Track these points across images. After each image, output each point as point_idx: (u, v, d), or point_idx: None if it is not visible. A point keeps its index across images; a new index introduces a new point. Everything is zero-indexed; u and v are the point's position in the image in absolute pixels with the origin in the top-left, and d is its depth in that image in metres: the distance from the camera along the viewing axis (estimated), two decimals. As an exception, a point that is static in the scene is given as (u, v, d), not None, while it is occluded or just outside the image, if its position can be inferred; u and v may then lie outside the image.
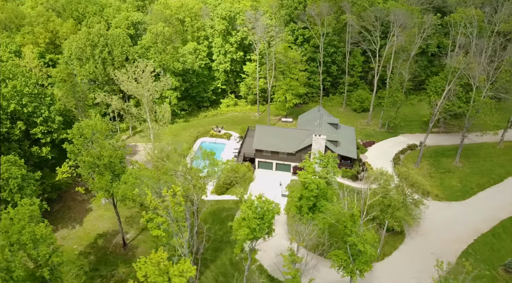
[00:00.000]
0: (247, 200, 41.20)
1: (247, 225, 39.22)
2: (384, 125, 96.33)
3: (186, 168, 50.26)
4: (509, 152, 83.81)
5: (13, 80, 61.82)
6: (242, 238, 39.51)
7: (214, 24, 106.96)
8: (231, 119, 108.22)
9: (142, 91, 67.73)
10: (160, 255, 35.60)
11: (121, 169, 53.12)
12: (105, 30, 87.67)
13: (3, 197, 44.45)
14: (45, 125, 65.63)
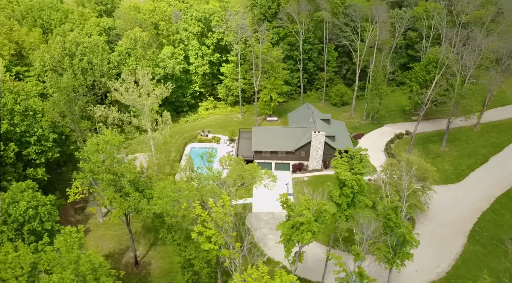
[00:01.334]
0: (297, 203, 40.61)
1: (307, 228, 38.73)
2: (368, 117, 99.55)
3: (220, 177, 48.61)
4: (486, 133, 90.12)
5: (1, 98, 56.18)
6: (306, 243, 38.94)
7: (188, 27, 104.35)
8: (215, 122, 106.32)
9: (142, 101, 64.42)
10: (262, 270, 34.18)
11: (145, 184, 50.27)
12: (81, 38, 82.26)
13: (33, 227, 40.09)
14: (39, 144, 60.44)
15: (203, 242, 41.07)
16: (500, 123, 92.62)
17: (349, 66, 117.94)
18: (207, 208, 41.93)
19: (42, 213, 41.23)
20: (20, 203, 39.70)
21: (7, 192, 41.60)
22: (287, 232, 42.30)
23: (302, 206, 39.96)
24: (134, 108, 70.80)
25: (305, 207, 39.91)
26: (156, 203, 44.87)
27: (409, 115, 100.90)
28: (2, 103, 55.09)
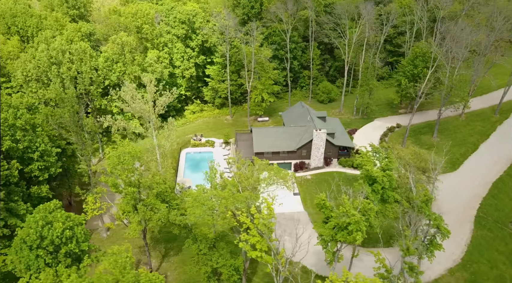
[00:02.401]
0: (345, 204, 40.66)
1: (356, 228, 38.82)
2: (359, 112, 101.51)
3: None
4: (471, 122, 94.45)
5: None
6: (359, 243, 39.03)
7: (172, 29, 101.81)
8: (205, 125, 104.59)
9: (148, 108, 62.09)
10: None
11: (170, 194, 48.52)
12: (67, 45, 78.10)
13: (70, 249, 37.13)
14: (42, 160, 56.81)
15: (249, 250, 40.15)
16: (482, 112, 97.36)
17: (332, 63, 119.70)
18: (242, 215, 40.90)
19: (78, 233, 38.59)
20: (55, 224, 36.96)
21: (36, 214, 38.61)
22: (328, 233, 42.21)
23: (347, 206, 39.99)
24: (137, 116, 68.08)
25: (350, 207, 39.95)
26: (192, 213, 43.31)
27: (396, 108, 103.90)
28: (3, 118, 51.20)
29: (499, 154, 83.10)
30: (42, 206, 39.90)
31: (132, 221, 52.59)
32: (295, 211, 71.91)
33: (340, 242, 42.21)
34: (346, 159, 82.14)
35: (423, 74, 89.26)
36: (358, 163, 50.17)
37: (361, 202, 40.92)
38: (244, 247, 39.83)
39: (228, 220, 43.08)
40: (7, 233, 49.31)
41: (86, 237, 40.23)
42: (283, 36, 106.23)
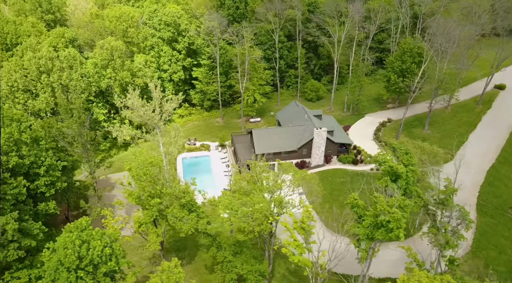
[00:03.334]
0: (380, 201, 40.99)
1: (397, 225, 39.25)
2: (349, 108, 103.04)
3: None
4: (457, 113, 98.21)
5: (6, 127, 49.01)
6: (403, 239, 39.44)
7: (156, 33, 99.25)
8: (196, 129, 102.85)
9: (156, 116, 60.11)
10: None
11: (196, 204, 47.23)
12: (55, 52, 74.38)
13: (110, 267, 34.98)
14: (47, 175, 53.82)
15: (290, 254, 39.72)
16: (465, 104, 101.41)
17: (316, 61, 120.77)
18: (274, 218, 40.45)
19: (117, 250, 36.58)
20: (93, 242, 34.83)
21: (67, 233, 36.24)
22: (364, 231, 42.46)
23: (383, 204, 40.31)
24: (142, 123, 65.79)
25: (387, 204, 40.32)
26: (227, 220, 42.27)
27: (383, 103, 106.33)
28: (7, 133, 47.97)
29: (488, 143, 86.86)
30: (73, 225, 37.62)
31: (151, 233, 50.90)
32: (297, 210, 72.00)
33: (378, 240, 42.53)
34: (345, 156, 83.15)
35: (411, 69, 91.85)
36: (379, 160, 50.75)
37: (397, 199, 41.41)
38: (287, 252, 39.30)
39: (265, 226, 42.33)
40: (22, 255, 46.33)
41: (124, 253, 38.34)
42: (269, 36, 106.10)
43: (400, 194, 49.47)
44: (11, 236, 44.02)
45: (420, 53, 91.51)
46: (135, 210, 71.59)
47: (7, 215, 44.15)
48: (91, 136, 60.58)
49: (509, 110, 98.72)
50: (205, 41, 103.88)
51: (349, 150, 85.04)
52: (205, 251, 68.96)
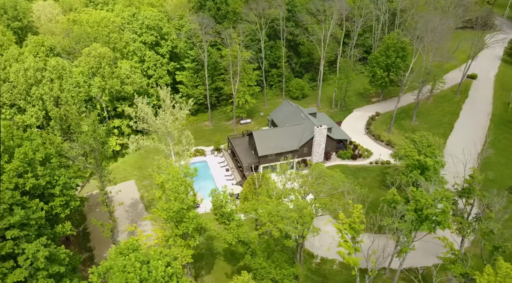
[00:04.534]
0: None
1: (444, 217, 40.31)
2: (337, 105, 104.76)
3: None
4: (439, 104, 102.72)
5: (19, 148, 45.30)
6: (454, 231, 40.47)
7: (138, 37, 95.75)
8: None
9: (169, 124, 57.86)
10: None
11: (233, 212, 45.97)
12: (42, 63, 69.72)
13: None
14: (62, 195, 50.44)
15: (344, 255, 39.74)
16: (445, 94, 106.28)
17: (297, 60, 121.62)
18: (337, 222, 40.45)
19: (178, 269, 34.62)
20: (153, 263, 32.74)
21: (119, 254, 33.85)
22: (407, 226, 43.29)
23: (428, 198, 41.27)
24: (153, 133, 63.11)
25: (428, 197, 41.34)
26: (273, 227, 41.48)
27: (368, 98, 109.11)
28: (22, 153, 44.31)
29: (473, 130, 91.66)
30: (123, 245, 35.32)
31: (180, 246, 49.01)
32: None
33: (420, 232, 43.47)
34: (344, 151, 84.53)
35: (396, 64, 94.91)
36: (403, 154, 51.94)
37: (438, 192, 42.55)
38: (342, 254, 39.26)
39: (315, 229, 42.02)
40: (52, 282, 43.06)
41: (183, 272, 36.51)
42: (252, 36, 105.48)
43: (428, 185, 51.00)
44: (42, 264, 40.79)
45: (404, 47, 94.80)
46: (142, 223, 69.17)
47: (36, 241, 40.85)
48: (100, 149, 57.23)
49: (484, 98, 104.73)
50: (188, 43, 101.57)
51: (346, 145, 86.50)
52: (222, 259, 67.75)
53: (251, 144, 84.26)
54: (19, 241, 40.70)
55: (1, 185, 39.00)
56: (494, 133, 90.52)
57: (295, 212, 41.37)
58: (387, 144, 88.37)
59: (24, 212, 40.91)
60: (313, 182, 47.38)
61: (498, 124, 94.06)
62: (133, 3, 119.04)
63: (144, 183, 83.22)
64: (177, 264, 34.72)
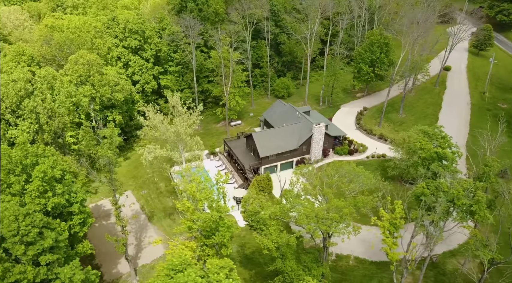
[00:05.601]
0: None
1: (479, 207, 41.78)
2: (324, 101, 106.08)
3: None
4: (421, 96, 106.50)
5: (36, 166, 42.34)
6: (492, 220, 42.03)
7: (120, 43, 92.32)
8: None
9: (182, 131, 56.12)
10: None
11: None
12: (31, 74, 65.57)
13: None
14: (80, 212, 47.83)
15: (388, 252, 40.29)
16: (424, 86, 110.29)
17: (278, 59, 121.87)
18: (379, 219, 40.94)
19: (236, 279, 33.36)
20: (213, 277, 31.45)
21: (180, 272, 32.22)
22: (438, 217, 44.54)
23: (459, 189, 42.60)
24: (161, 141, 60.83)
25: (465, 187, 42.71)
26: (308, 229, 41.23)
27: (353, 93, 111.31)
28: (41, 172, 41.43)
29: (457, 119, 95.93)
30: (176, 260, 33.79)
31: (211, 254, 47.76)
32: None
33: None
34: (341, 147, 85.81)
35: (380, 59, 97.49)
36: (419, 147, 53.35)
37: (469, 183, 44.01)
38: (387, 250, 39.75)
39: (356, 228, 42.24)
40: (86, 307, 40.60)
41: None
42: (236, 37, 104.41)
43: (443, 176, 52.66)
44: (78, 288, 38.36)
45: (387, 43, 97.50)
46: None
47: (70, 265, 38.35)
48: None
49: (461, 89, 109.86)
50: (171, 46, 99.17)
51: (342, 141, 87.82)
52: (237, 264, 66.71)
53: (249, 145, 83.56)
54: (52, 265, 38.00)
55: (28, 208, 36.18)
56: (476, 121, 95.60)
57: (335, 212, 41.40)
58: (379, 137, 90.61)
59: (54, 235, 38.30)
60: (340, 181, 47.59)
61: (477, 113, 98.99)
62: (107, 6, 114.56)
63: (142, 193, 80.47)
64: (235, 274, 33.71)
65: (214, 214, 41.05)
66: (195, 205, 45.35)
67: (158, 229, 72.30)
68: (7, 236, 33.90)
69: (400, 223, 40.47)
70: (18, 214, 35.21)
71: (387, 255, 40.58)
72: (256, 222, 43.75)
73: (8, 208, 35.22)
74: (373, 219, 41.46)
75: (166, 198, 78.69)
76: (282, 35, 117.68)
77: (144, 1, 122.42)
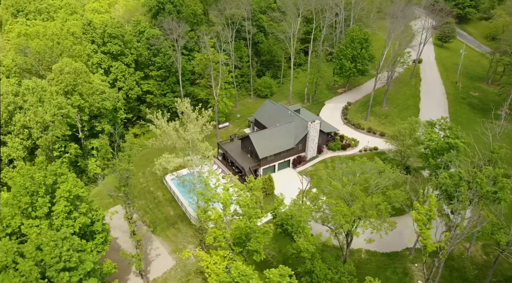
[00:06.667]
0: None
1: (503, 193, 43.82)
2: (309, 99, 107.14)
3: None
4: (399, 88, 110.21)
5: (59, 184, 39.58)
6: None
7: (98, 48, 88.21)
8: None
9: (196, 137, 54.43)
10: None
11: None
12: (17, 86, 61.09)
13: None
14: (101, 230, 45.34)
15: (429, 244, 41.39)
16: (401, 79, 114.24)
17: (257, 59, 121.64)
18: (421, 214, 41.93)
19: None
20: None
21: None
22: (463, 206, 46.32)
23: (482, 176, 44.46)
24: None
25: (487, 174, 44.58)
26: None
27: (334, 89, 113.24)
28: (67, 191, 38.76)
29: (437, 109, 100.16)
30: (233, 274, 32.72)
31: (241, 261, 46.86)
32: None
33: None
34: (334, 143, 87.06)
35: (361, 54, 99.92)
36: (429, 138, 55.15)
37: (489, 170, 45.96)
38: (426, 242, 40.76)
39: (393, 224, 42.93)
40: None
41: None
42: (217, 38, 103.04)
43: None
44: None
45: (367, 39, 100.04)
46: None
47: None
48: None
49: (435, 79, 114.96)
50: (151, 50, 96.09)
51: (334, 137, 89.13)
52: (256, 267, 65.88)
53: (245, 147, 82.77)
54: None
55: (64, 231, 33.65)
56: (454, 110, 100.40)
57: (371, 209, 41.93)
58: (368, 131, 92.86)
59: (92, 257, 35.98)
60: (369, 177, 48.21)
61: (454, 102, 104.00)
62: (76, 11, 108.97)
63: (139, 203, 77.42)
64: (295, 280, 33.24)
65: (254, 220, 40.21)
66: (226, 213, 44.26)
67: (163, 240, 69.84)
68: (51, 263, 31.28)
69: (434, 214, 41.66)
70: (56, 239, 32.66)
71: (426, 247, 41.63)
72: (291, 226, 43.32)
73: (45, 233, 32.57)
74: (413, 213, 42.34)
75: (166, 207, 76.25)
76: (260, 34, 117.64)
77: (114, 5, 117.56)
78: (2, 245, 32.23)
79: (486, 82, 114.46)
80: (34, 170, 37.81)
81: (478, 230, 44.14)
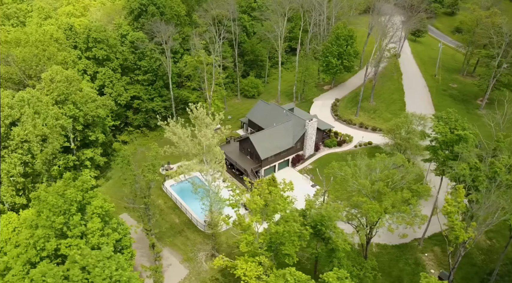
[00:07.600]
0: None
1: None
2: (297, 97, 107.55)
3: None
4: (383, 84, 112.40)
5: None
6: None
7: (83, 54, 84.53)
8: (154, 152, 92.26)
9: (213, 142, 53.16)
10: None
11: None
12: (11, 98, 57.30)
13: None
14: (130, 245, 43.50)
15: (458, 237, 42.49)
16: (384, 74, 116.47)
17: (241, 59, 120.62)
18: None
19: None
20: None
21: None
22: (481, 196, 47.96)
23: (500, 166, 46.20)
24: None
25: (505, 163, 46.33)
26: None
27: (320, 86, 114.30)
28: (98, 208, 36.75)
29: (421, 102, 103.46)
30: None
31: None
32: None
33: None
34: (330, 140, 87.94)
35: (347, 51, 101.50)
36: (438, 131, 56.66)
37: (506, 159, 47.76)
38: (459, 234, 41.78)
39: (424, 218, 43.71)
40: None
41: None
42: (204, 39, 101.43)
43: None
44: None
45: (351, 35, 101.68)
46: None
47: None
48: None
49: (415, 73, 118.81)
50: (137, 54, 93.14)
51: (329, 134, 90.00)
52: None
53: (244, 148, 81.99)
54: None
55: (107, 250, 31.82)
56: (438, 102, 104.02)
57: (403, 204, 42.57)
58: (360, 126, 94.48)
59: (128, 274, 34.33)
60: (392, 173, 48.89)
61: (436, 94, 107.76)
62: (50, 15, 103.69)
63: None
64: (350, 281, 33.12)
65: (292, 224, 39.72)
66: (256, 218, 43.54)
67: (172, 249, 67.83)
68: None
69: (463, 206, 42.89)
70: (101, 258, 30.82)
71: (458, 238, 42.65)
72: (325, 227, 43.20)
73: (89, 254, 30.64)
74: (444, 206, 43.30)
75: (170, 215, 74.22)
76: (242, 34, 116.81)
77: (89, 8, 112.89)
78: (47, 269, 29.89)
79: (462, 74, 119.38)
80: (63, 187, 35.27)
81: (505, 219, 45.76)
